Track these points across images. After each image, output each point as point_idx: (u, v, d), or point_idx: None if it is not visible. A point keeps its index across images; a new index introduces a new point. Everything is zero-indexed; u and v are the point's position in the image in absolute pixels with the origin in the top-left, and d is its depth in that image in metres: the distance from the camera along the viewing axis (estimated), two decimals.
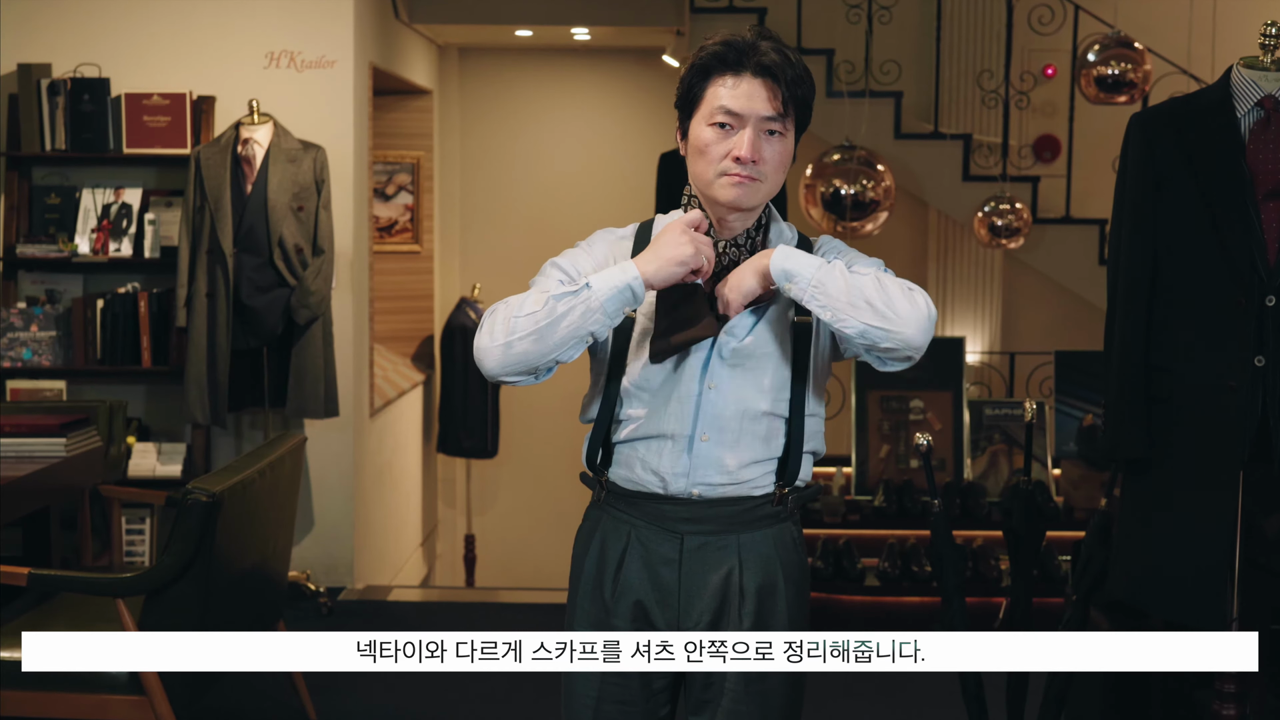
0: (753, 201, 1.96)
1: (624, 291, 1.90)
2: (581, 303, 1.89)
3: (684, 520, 2.01)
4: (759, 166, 1.93)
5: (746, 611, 2.01)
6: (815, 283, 1.89)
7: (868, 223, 5.30)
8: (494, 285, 7.06)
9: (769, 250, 1.95)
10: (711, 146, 1.94)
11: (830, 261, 1.92)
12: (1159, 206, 2.68)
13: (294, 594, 4.84)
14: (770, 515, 2.03)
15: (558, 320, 1.88)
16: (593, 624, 2.04)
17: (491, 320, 1.92)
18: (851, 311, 1.88)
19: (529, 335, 1.89)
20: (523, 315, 1.89)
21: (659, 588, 2.02)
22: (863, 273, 1.92)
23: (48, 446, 3.69)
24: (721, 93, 1.93)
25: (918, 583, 4.72)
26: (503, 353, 1.90)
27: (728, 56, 1.93)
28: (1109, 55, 5.28)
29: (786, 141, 1.96)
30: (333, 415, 4.87)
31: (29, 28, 4.98)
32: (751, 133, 1.92)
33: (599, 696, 2.04)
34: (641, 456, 2.01)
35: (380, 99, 6.12)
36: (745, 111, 1.92)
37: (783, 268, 1.91)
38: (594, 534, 2.07)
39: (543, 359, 1.91)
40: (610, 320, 1.91)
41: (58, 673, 3.00)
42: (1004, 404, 5.16)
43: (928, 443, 2.81)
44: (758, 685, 2.02)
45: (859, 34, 5.94)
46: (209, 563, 2.98)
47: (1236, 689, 2.78)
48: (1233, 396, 2.58)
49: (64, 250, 4.83)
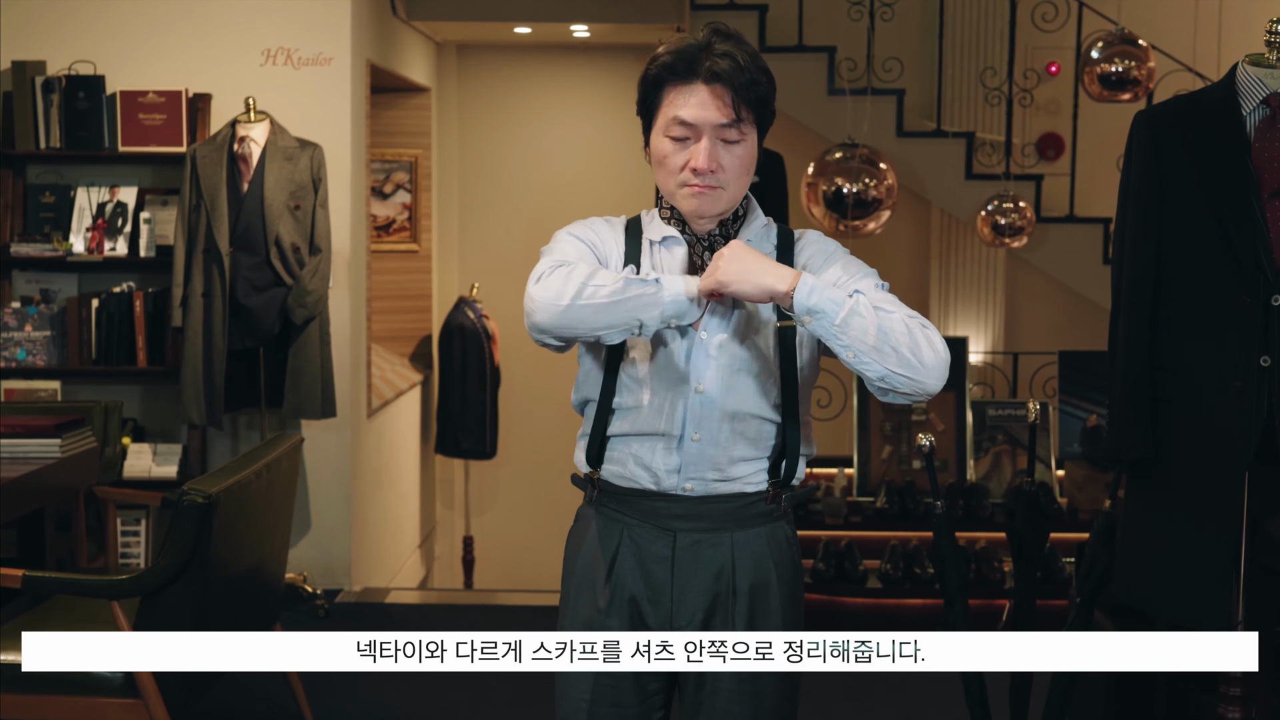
0: (715, 209, 1.96)
1: (686, 302, 1.88)
2: (651, 294, 1.87)
3: (676, 517, 2.00)
4: (718, 175, 1.92)
5: (739, 610, 2.00)
6: (840, 324, 1.85)
7: (870, 221, 5.28)
8: (493, 284, 7.03)
9: (793, 272, 1.88)
10: (670, 158, 1.94)
11: (853, 295, 1.87)
12: (1164, 205, 2.67)
13: (291, 596, 4.83)
14: (764, 514, 2.03)
15: (627, 301, 1.86)
16: (585, 623, 2.03)
17: (562, 278, 1.89)
18: (876, 356, 1.85)
19: (598, 305, 1.86)
20: (594, 284, 1.87)
21: (651, 585, 2.01)
22: (888, 310, 1.87)
23: (42, 447, 3.68)
24: (675, 103, 1.91)
25: (920, 585, 4.70)
26: (564, 311, 1.87)
27: (677, 66, 1.91)
28: (1113, 53, 5.27)
29: (747, 144, 1.94)
30: (330, 416, 4.85)
31: (23, 24, 4.95)
32: (708, 143, 1.91)
33: (592, 699, 2.03)
34: (634, 453, 2.00)
35: (378, 97, 6.09)
36: (699, 121, 1.90)
37: (807, 305, 1.85)
38: (586, 533, 2.07)
39: (593, 330, 1.88)
40: (661, 323, 1.89)
41: (52, 676, 2.99)
42: (1007, 404, 5.14)
43: (930, 443, 2.79)
44: (750, 686, 2.01)
45: (861, 31, 5.92)
46: (205, 565, 2.97)
47: (1242, 692, 2.76)
48: (1238, 397, 2.56)
49: (59, 249, 4.80)
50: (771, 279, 1.87)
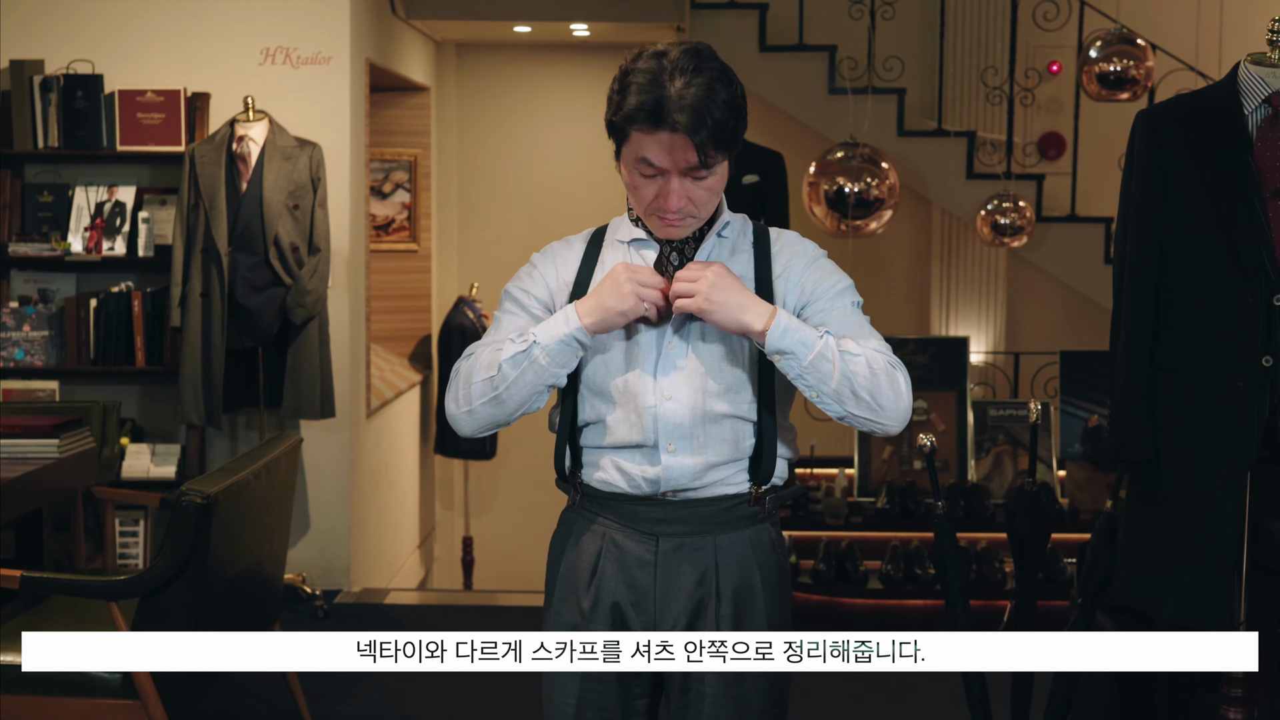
0: (688, 233, 1.98)
1: (568, 343, 1.93)
2: (531, 363, 1.92)
3: (658, 521, 1.99)
4: (688, 208, 1.93)
5: (723, 614, 1.99)
6: (808, 367, 1.89)
7: (871, 221, 5.27)
8: (492, 284, 7.02)
9: (769, 309, 1.89)
10: (640, 189, 1.94)
11: (823, 336, 1.90)
12: (1165, 205, 2.66)
13: (290, 597, 4.82)
14: (747, 516, 2.02)
15: (513, 383, 1.93)
16: (569, 628, 2.03)
17: (454, 384, 1.99)
18: (835, 399, 1.91)
19: (489, 400, 1.95)
20: (478, 381, 1.95)
21: (635, 590, 2.01)
22: (853, 353, 1.90)
23: (40, 448, 3.67)
24: (643, 144, 1.88)
25: (921, 586, 4.68)
26: (469, 418, 1.98)
27: (638, 115, 1.86)
28: (1111, 52, 5.26)
29: (717, 174, 1.93)
30: (329, 416, 4.84)
31: (22, 23, 4.94)
32: (676, 182, 1.90)
33: (579, 704, 2.03)
34: (612, 458, 2.00)
35: (377, 96, 6.09)
36: (667, 166, 1.89)
37: (778, 347, 1.89)
38: (568, 538, 2.07)
39: (509, 417, 1.97)
40: (564, 369, 1.94)
41: (51, 677, 2.98)
42: (1008, 405, 5.12)
43: (931, 444, 2.78)
44: (735, 689, 2.00)
45: (861, 30, 5.91)
46: (203, 566, 2.96)
47: (1243, 693, 2.75)
48: (1240, 397, 2.56)
49: (57, 249, 4.79)
50: (750, 317, 1.90)
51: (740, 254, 2.02)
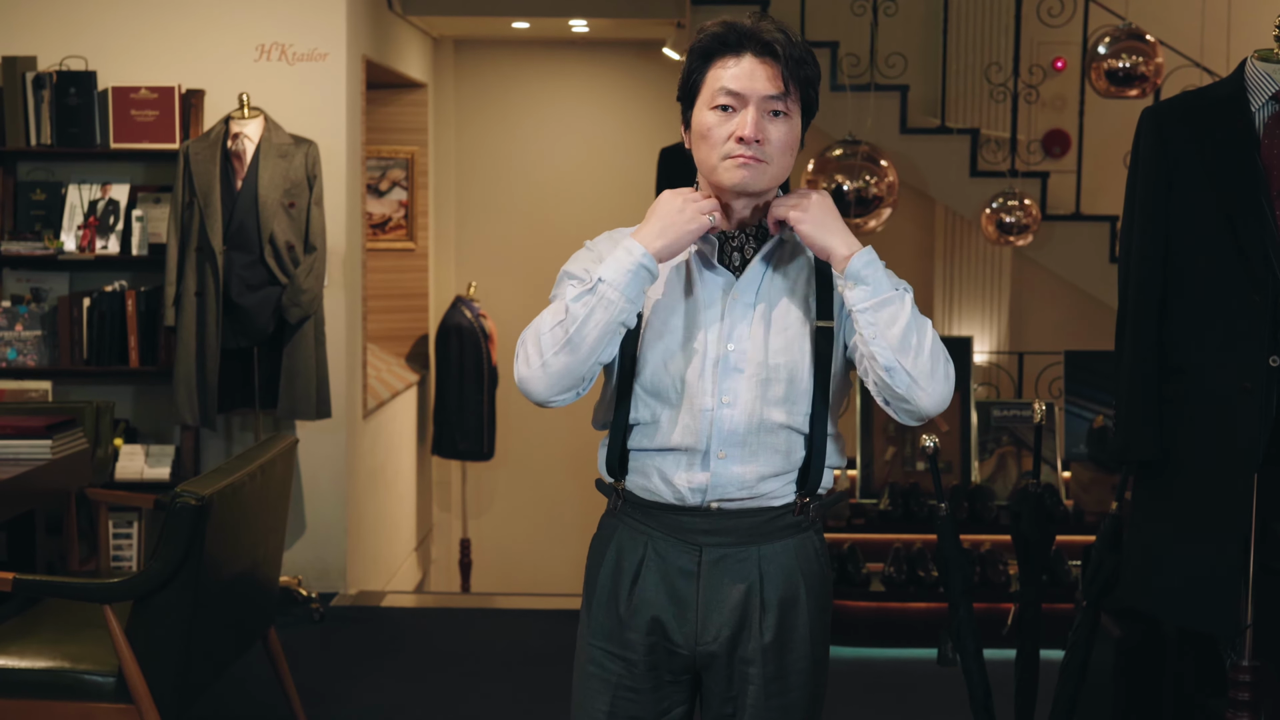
0: (760, 184, 1.92)
1: (639, 273, 1.88)
2: (599, 298, 1.86)
3: (703, 532, 1.96)
4: (764, 147, 1.89)
5: (768, 625, 1.97)
6: (880, 304, 1.86)
7: (871, 219, 5.24)
8: (490, 283, 6.99)
9: (860, 245, 1.90)
10: (714, 130, 1.91)
11: (903, 296, 1.88)
12: (1171, 203, 2.66)
13: (285, 600, 4.80)
14: (792, 525, 1.99)
15: (584, 323, 1.86)
16: (608, 636, 2.00)
17: (523, 349, 1.91)
18: (893, 346, 1.86)
19: (562, 348, 1.87)
20: (547, 331, 1.88)
21: (676, 601, 1.98)
22: (928, 324, 1.90)
23: (33, 449, 3.66)
24: (722, 74, 1.90)
25: (924, 588, 4.66)
26: (543, 374, 1.88)
27: (728, 38, 1.91)
28: (1120, 48, 5.23)
29: (792, 123, 1.92)
30: (325, 416, 4.81)
31: (13, 19, 4.92)
32: (754, 112, 1.89)
33: (611, 711, 2.00)
34: (658, 466, 1.96)
35: (374, 93, 6.06)
36: (747, 91, 1.89)
37: (859, 274, 1.87)
38: (609, 544, 2.03)
39: (584, 366, 1.88)
40: (634, 305, 1.88)
41: (43, 680, 2.95)
42: (1012, 405, 5.09)
43: (934, 445, 2.76)
44: (778, 700, 1.99)
45: (864, 26, 5.88)
46: (198, 568, 2.94)
47: (1250, 696, 2.72)
48: (1247, 397, 2.55)
49: (49, 248, 4.76)
50: (838, 241, 1.89)
51: (800, 257, 1.99)
